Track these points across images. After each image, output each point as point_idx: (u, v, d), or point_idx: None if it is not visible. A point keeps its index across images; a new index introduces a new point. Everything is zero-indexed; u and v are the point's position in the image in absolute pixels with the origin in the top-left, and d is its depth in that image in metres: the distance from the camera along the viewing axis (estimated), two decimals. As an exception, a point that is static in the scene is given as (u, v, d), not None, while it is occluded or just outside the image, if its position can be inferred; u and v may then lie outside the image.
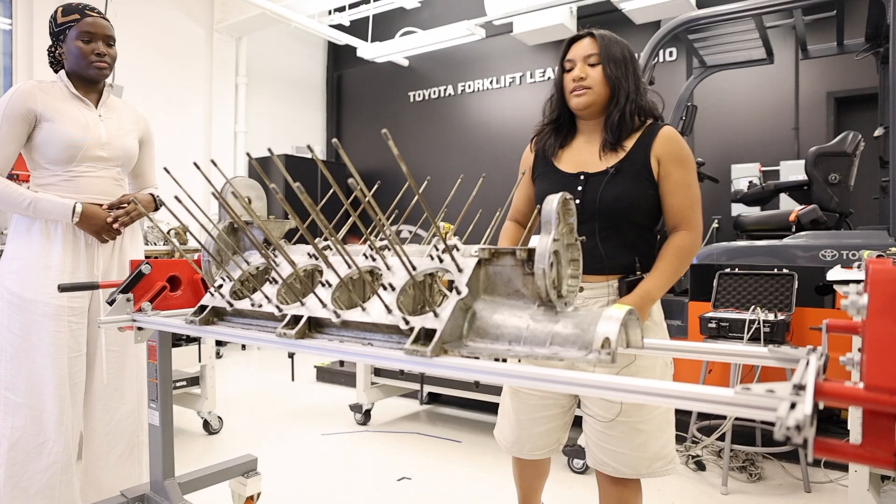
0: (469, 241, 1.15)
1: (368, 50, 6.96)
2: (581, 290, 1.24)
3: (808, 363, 0.83)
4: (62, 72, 1.93)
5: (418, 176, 3.84)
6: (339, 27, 7.14)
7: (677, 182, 1.50)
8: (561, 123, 1.64)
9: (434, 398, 4.07)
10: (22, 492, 1.83)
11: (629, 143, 1.53)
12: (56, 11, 1.89)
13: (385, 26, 7.20)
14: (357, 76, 8.41)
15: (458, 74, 7.51)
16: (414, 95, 7.87)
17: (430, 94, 7.74)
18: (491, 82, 7.25)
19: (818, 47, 4.38)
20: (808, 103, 5.44)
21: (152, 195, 1.38)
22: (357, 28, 7.14)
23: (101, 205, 1.90)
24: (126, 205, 1.91)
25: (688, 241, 1.50)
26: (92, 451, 2.01)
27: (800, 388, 0.69)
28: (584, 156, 1.59)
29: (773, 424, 0.64)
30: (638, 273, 1.49)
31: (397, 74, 7.97)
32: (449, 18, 6.82)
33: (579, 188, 1.53)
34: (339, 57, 8.51)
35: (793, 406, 0.64)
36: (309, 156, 7.97)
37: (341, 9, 6.91)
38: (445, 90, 7.61)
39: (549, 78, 6.83)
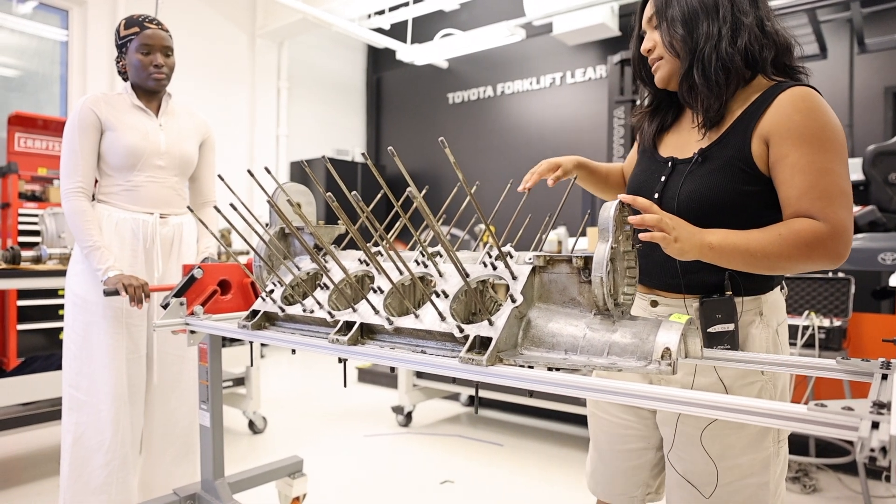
0: (518, 247, 1.13)
1: (408, 52, 7.00)
2: (655, 304, 1.17)
3: (885, 378, 0.79)
4: (127, 83, 2.02)
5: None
6: (379, 30, 7.20)
7: (795, 167, 1.03)
8: (660, 103, 1.30)
9: (474, 400, 4.05)
10: (84, 486, 1.90)
11: (734, 114, 1.13)
12: (119, 24, 1.98)
13: (424, 29, 7.22)
14: (397, 79, 8.46)
15: (497, 75, 7.47)
16: (453, 97, 7.88)
17: (469, 96, 7.73)
18: (531, 83, 7.19)
19: (877, 40, 4.19)
20: (863, 99, 5.22)
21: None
22: (396, 31, 7.19)
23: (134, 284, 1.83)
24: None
25: (812, 227, 1.01)
26: (148, 450, 2.07)
27: (880, 405, 0.65)
28: (686, 136, 1.24)
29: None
30: (727, 294, 1.12)
31: (437, 76, 7.99)
32: (488, 20, 6.79)
33: (662, 178, 1.19)
34: (378, 60, 8.58)
35: (875, 425, 0.61)
36: (348, 158, 8.07)
37: (381, 12, 6.97)
38: (485, 91, 7.59)
39: (590, 78, 6.73)
